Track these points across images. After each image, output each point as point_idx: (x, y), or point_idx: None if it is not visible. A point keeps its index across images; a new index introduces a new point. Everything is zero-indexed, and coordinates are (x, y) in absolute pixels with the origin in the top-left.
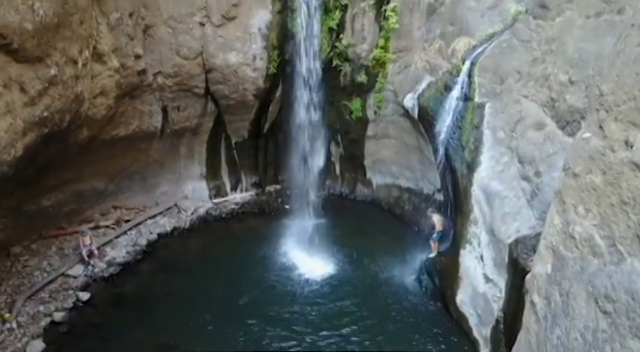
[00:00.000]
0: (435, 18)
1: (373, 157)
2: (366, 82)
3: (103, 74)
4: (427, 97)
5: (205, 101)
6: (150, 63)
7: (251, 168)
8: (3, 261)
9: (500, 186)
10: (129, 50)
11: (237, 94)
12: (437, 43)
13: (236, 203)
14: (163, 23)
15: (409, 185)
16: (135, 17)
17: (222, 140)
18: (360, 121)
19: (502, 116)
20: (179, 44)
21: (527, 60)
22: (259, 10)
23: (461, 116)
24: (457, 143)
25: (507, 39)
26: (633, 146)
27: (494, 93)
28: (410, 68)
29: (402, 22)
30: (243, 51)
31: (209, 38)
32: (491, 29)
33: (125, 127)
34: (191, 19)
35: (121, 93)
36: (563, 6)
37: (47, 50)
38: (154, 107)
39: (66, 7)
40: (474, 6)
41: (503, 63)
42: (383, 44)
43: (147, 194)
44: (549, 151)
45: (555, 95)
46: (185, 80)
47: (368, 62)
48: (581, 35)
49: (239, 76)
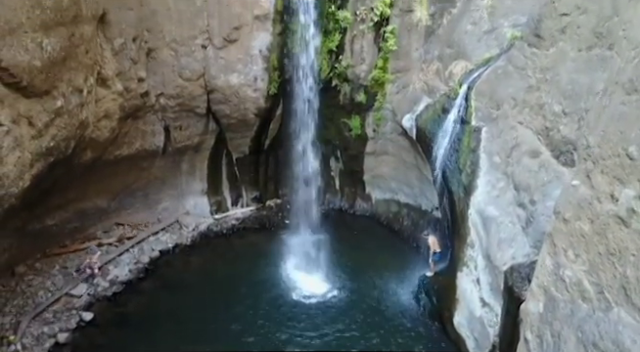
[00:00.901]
0: (433, 39)
1: (372, 173)
2: (365, 101)
3: (107, 98)
4: (424, 119)
5: (206, 120)
6: (152, 84)
7: (252, 183)
8: (8, 281)
9: (496, 211)
10: (133, 73)
11: (238, 113)
12: (435, 65)
13: (237, 219)
14: (166, 46)
15: (408, 201)
16: (139, 41)
17: (223, 156)
18: (359, 138)
19: (498, 141)
20: (181, 66)
21: (523, 87)
22: (260, 32)
23: (458, 139)
24: (454, 166)
25: (503, 65)
26: (618, 200)
27: (490, 117)
28: (408, 89)
29: (401, 44)
30: (244, 72)
31: (211, 60)
32: (488, 54)
33: (128, 147)
34: (193, 41)
35: (125, 115)
36: (556, 37)
37: (54, 83)
38: (156, 126)
39: (72, 39)
40: (470, 30)
41: (499, 88)
42: (381, 65)
43: (149, 210)
44: (544, 179)
45: (549, 124)
46: (187, 101)
47: (367, 82)
48: (574, 67)
49: (240, 97)
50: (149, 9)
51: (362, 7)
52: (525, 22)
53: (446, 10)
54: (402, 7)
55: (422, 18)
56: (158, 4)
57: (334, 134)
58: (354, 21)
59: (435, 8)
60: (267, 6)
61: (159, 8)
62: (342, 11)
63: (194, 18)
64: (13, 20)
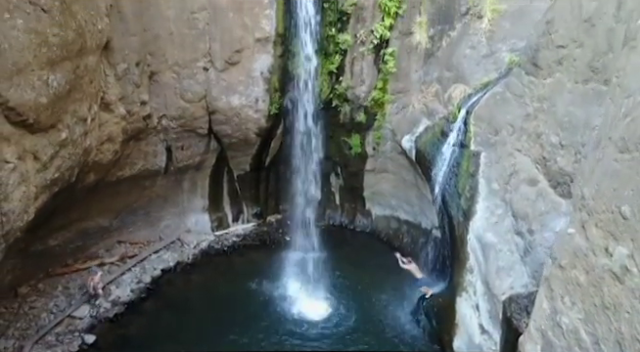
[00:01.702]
0: (433, 61)
1: (372, 190)
2: (365, 121)
3: (110, 122)
4: (424, 141)
5: (208, 139)
6: (155, 106)
7: (253, 199)
8: (11, 303)
9: (495, 238)
10: (135, 97)
11: (239, 133)
12: (434, 87)
13: (237, 235)
14: (168, 69)
15: (408, 218)
16: (141, 65)
17: (225, 173)
18: (359, 156)
19: (497, 167)
20: (183, 89)
21: (521, 114)
22: (262, 54)
23: (457, 163)
24: (454, 189)
25: (501, 92)
26: (613, 255)
27: (489, 143)
28: (408, 109)
29: (400, 66)
30: (245, 94)
31: (213, 82)
32: (486, 78)
33: (131, 168)
34: (195, 64)
35: (127, 137)
36: (553, 68)
37: (59, 116)
38: (158, 147)
39: (77, 71)
40: (469, 54)
41: (497, 114)
42: (381, 86)
43: (151, 227)
44: (541, 209)
45: (547, 155)
46: (189, 122)
47: (367, 102)
48: (571, 99)
49: (241, 117)
50: (152, 33)
51: (362, 30)
52: (523, 46)
53: (445, 33)
54: (402, 29)
55: (421, 41)
56: (160, 28)
57: (334, 151)
58: (354, 43)
59: (435, 31)
60: (268, 29)
61: (161, 32)
62: (342, 34)
63: (196, 41)
64: (20, 60)
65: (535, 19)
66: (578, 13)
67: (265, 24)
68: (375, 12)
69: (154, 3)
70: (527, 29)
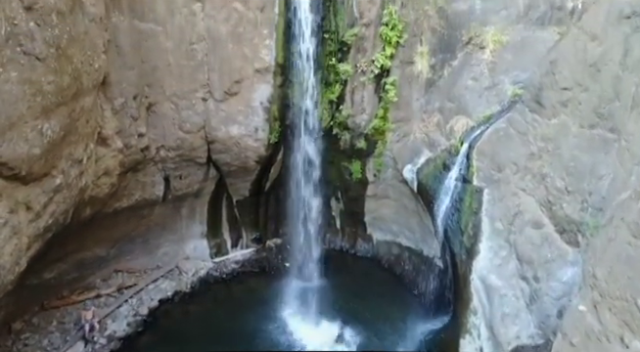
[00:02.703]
0: (434, 90)
1: (373, 215)
2: (365, 148)
3: (106, 156)
4: (425, 173)
5: (206, 168)
6: (153, 137)
7: (252, 224)
8: (4, 340)
9: (499, 281)
10: (133, 130)
11: (239, 161)
12: (436, 117)
13: (236, 262)
14: (167, 100)
15: (409, 244)
16: (139, 98)
17: (224, 199)
18: (360, 182)
19: (500, 206)
20: (182, 120)
21: (524, 153)
22: (261, 85)
23: (460, 198)
24: (456, 226)
25: (504, 127)
26: (629, 347)
27: (492, 179)
28: (409, 138)
29: (401, 94)
30: (245, 124)
31: (212, 112)
32: (489, 111)
33: (128, 198)
34: (193, 95)
35: (125, 170)
36: (558, 108)
37: (54, 163)
38: (156, 177)
39: (72, 115)
40: (471, 85)
41: (501, 151)
42: (382, 114)
43: (149, 255)
44: (547, 255)
45: (552, 198)
46: (187, 152)
47: (367, 130)
48: (576, 144)
49: (241, 146)
50: (150, 65)
51: (363, 59)
52: (526, 79)
53: (447, 62)
54: (403, 59)
55: (422, 70)
56: (158, 60)
57: (334, 176)
58: (355, 73)
59: (436, 60)
60: (268, 59)
61: (159, 64)
62: (342, 64)
63: (194, 72)
64: (14, 114)
65: (538, 50)
66: (583, 57)
67: (265, 55)
68: (376, 42)
69: (152, 35)
70: (530, 61)
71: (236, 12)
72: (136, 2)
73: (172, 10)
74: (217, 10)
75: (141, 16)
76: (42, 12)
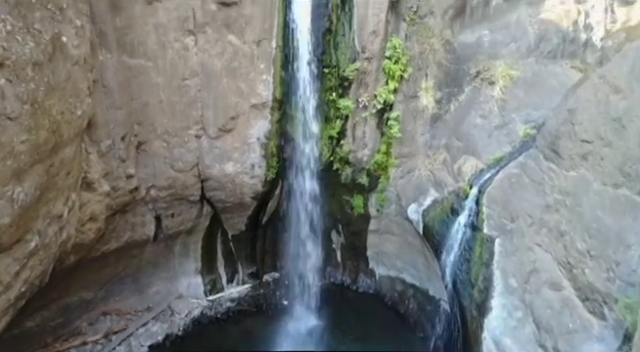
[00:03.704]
0: (440, 125)
1: (376, 249)
2: (368, 184)
3: (92, 201)
4: (432, 216)
5: (200, 205)
6: (143, 177)
7: (249, 259)
8: None
9: (514, 347)
10: (121, 172)
11: (234, 197)
12: (442, 154)
13: (232, 300)
14: (158, 138)
15: (414, 282)
16: (128, 137)
17: (218, 234)
18: (362, 217)
19: (513, 260)
20: (174, 158)
21: (539, 204)
22: (258, 120)
23: (469, 247)
24: (465, 277)
25: (517, 174)
26: None
27: (504, 229)
28: (414, 174)
29: (405, 129)
30: (240, 161)
31: (205, 150)
32: (499, 152)
33: (117, 240)
34: (186, 132)
35: (112, 213)
36: (577, 161)
37: (27, 226)
38: (146, 217)
39: (50, 171)
40: (480, 124)
41: (513, 199)
42: (385, 150)
43: (139, 295)
44: (568, 325)
45: (572, 260)
46: (179, 191)
47: (369, 166)
48: (599, 203)
49: (236, 184)
50: (140, 103)
51: (365, 94)
52: (539, 117)
53: (454, 96)
54: (407, 93)
55: (428, 105)
56: (149, 97)
57: (335, 209)
58: (356, 108)
59: (442, 94)
60: (265, 94)
61: (150, 101)
62: (343, 99)
63: (187, 109)
64: None
65: (550, 86)
66: (605, 109)
67: (262, 90)
68: (378, 76)
69: (142, 71)
70: (543, 98)
71: (231, 46)
72: (125, 37)
73: (164, 44)
74: (211, 44)
75: (130, 51)
76: (15, 67)
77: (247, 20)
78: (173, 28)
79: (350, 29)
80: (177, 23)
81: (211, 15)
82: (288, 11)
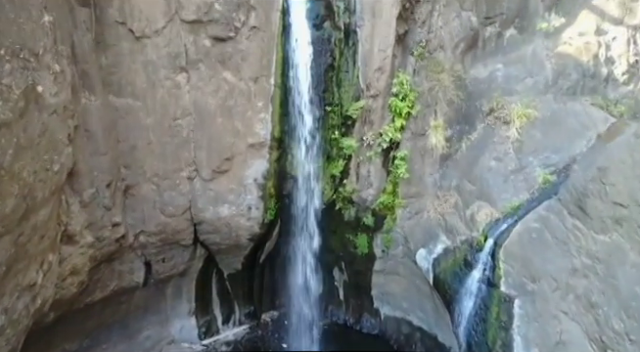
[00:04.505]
0: (450, 164)
1: (381, 289)
2: (373, 224)
3: (74, 254)
4: (443, 267)
5: (193, 248)
6: (131, 223)
7: (246, 297)
8: None
9: None
10: (106, 220)
11: (230, 240)
12: (453, 197)
13: (227, 343)
14: (147, 181)
15: (421, 325)
16: (114, 184)
17: (213, 274)
18: (366, 257)
19: (536, 327)
20: (164, 202)
21: (565, 267)
22: (255, 160)
23: (485, 306)
24: (482, 339)
25: (538, 229)
26: None
27: (525, 289)
28: (422, 215)
29: (413, 168)
30: (236, 203)
31: (198, 192)
32: (516, 200)
33: (102, 290)
34: (178, 174)
35: (96, 264)
36: (609, 225)
37: None
38: (135, 263)
39: (20, 240)
40: (494, 167)
41: (534, 257)
42: (391, 190)
43: (129, 341)
44: None
45: (606, 340)
46: (171, 236)
47: (375, 205)
48: (637, 278)
49: (232, 227)
50: (127, 145)
51: (369, 132)
52: (558, 161)
53: (465, 134)
54: (415, 130)
55: (437, 144)
56: (137, 139)
57: (337, 245)
58: (360, 146)
59: (453, 131)
60: (263, 133)
61: (138, 143)
62: (346, 138)
63: (179, 150)
64: None
65: (570, 126)
66: None
67: (260, 129)
68: (384, 113)
69: (130, 111)
70: (562, 141)
71: (226, 83)
72: (112, 76)
73: (154, 83)
74: (205, 81)
75: (117, 91)
76: None
77: (243, 55)
78: (164, 66)
79: (354, 66)
80: (168, 60)
81: (205, 51)
82: (287, 46)
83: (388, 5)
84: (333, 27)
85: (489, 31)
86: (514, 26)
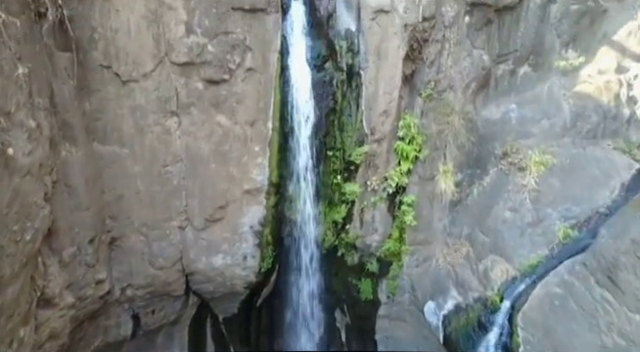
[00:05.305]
0: (461, 210)
1: (386, 333)
2: (377, 271)
3: (52, 318)
4: (455, 327)
5: (185, 297)
6: (117, 276)
7: (242, 341)
8: None
9: None
10: (89, 279)
11: (224, 288)
12: (465, 247)
13: None
14: (134, 232)
15: None
16: (97, 239)
17: (208, 318)
18: (370, 302)
19: None
20: (153, 254)
21: (594, 343)
22: (252, 207)
23: None
24: None
25: (561, 295)
26: None
27: None
28: (431, 263)
29: (420, 213)
30: (231, 253)
31: (190, 242)
32: (534, 256)
33: (86, 347)
34: (168, 224)
35: (78, 323)
36: None
37: None
38: (122, 317)
39: None
40: (510, 219)
41: (557, 328)
42: (397, 236)
43: None
44: None
45: None
46: (160, 288)
47: (380, 252)
48: None
49: (226, 276)
50: (113, 195)
51: (374, 177)
52: (579, 213)
53: (476, 178)
54: (422, 175)
55: (447, 190)
56: (124, 188)
57: (339, 288)
58: (364, 191)
59: (463, 175)
60: (260, 179)
61: (125, 192)
62: (349, 183)
63: (169, 198)
64: None
65: (592, 175)
66: None
67: (256, 175)
68: (390, 157)
69: (116, 160)
70: (583, 190)
71: (220, 127)
72: (96, 122)
73: (142, 128)
74: (198, 126)
75: (102, 138)
76: None
77: (238, 98)
78: (153, 110)
79: (358, 109)
80: (157, 105)
81: (198, 94)
82: (286, 88)
83: (395, 46)
84: (335, 68)
85: (502, 69)
86: (528, 64)
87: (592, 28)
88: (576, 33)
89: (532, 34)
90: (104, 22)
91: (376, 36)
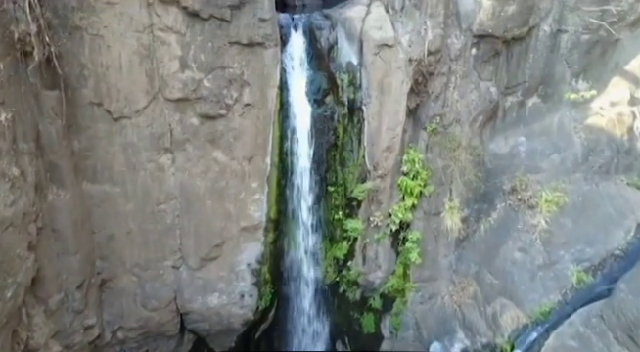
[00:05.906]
0: (467, 246)
1: None
2: (381, 307)
3: None
4: None
5: (180, 336)
6: (107, 319)
7: None
8: None
9: None
10: (77, 325)
11: (220, 326)
12: (472, 286)
13: None
14: (126, 273)
15: None
16: (86, 283)
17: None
18: (373, 336)
19: None
20: (146, 295)
21: None
22: (249, 244)
23: None
24: None
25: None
26: None
27: None
28: (436, 301)
29: (425, 249)
30: (227, 292)
31: (185, 282)
32: (547, 302)
33: None
34: (161, 264)
35: None
36: None
37: None
38: None
39: None
40: (519, 260)
41: None
42: (401, 273)
43: None
44: None
45: None
46: (154, 329)
47: (383, 289)
48: None
49: (222, 315)
50: (104, 235)
51: (377, 212)
52: (593, 256)
53: (483, 213)
54: (427, 210)
55: (453, 227)
56: (115, 228)
57: (341, 321)
58: (367, 227)
59: (470, 211)
60: (258, 215)
61: (117, 232)
62: (351, 220)
63: (163, 237)
64: None
65: (606, 213)
66: None
67: (254, 211)
68: (393, 192)
69: (107, 199)
70: (597, 231)
71: (217, 163)
72: (86, 161)
73: (134, 166)
74: (193, 162)
75: (92, 176)
76: None
77: (236, 134)
78: (145, 147)
79: (360, 145)
80: (150, 142)
81: (193, 129)
82: (285, 123)
83: (399, 81)
84: (336, 103)
85: (510, 100)
86: (537, 95)
87: (604, 58)
88: (587, 63)
89: (542, 65)
90: (94, 58)
91: (379, 71)
